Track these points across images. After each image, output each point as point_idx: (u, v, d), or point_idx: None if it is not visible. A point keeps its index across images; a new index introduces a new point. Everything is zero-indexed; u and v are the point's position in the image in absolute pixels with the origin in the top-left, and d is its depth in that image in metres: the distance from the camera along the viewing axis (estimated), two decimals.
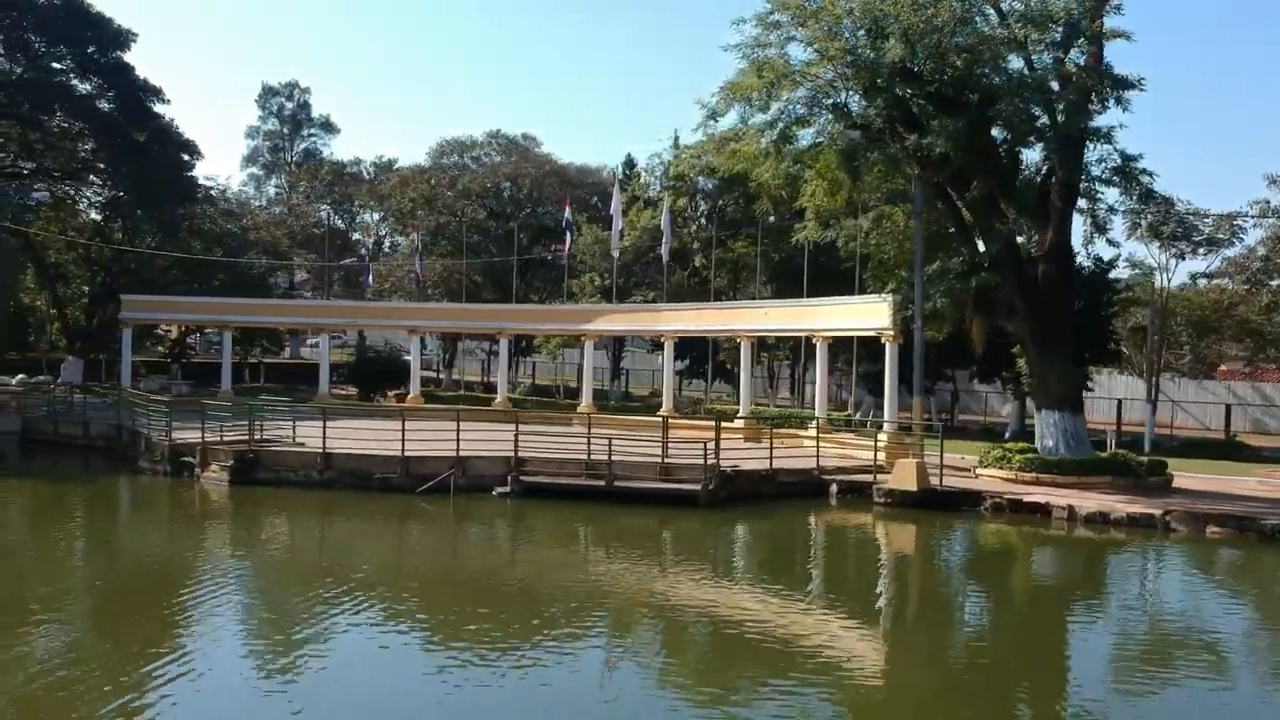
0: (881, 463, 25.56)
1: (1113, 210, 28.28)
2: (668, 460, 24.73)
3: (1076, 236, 27.15)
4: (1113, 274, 38.64)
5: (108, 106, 47.73)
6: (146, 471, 27.02)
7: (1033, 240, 28.26)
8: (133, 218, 49.10)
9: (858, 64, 24.07)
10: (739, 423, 32.30)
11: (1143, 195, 27.31)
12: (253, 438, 25.86)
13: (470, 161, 58.39)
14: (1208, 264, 42.81)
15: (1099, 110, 24.15)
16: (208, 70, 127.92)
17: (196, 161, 51.31)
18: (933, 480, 23.99)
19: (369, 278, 48.21)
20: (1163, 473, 25.21)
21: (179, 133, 50.18)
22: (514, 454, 24.82)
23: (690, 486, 23.76)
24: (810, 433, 29.93)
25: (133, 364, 48.65)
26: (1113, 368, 44.07)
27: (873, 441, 27.76)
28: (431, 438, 24.97)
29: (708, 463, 23.89)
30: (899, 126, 25.39)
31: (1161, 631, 15.02)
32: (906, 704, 11.70)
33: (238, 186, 74.73)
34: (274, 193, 78.07)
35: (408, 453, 24.81)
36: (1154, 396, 38.42)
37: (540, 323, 42.43)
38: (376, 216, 66.77)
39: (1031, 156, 27.26)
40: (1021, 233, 27.10)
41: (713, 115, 26.30)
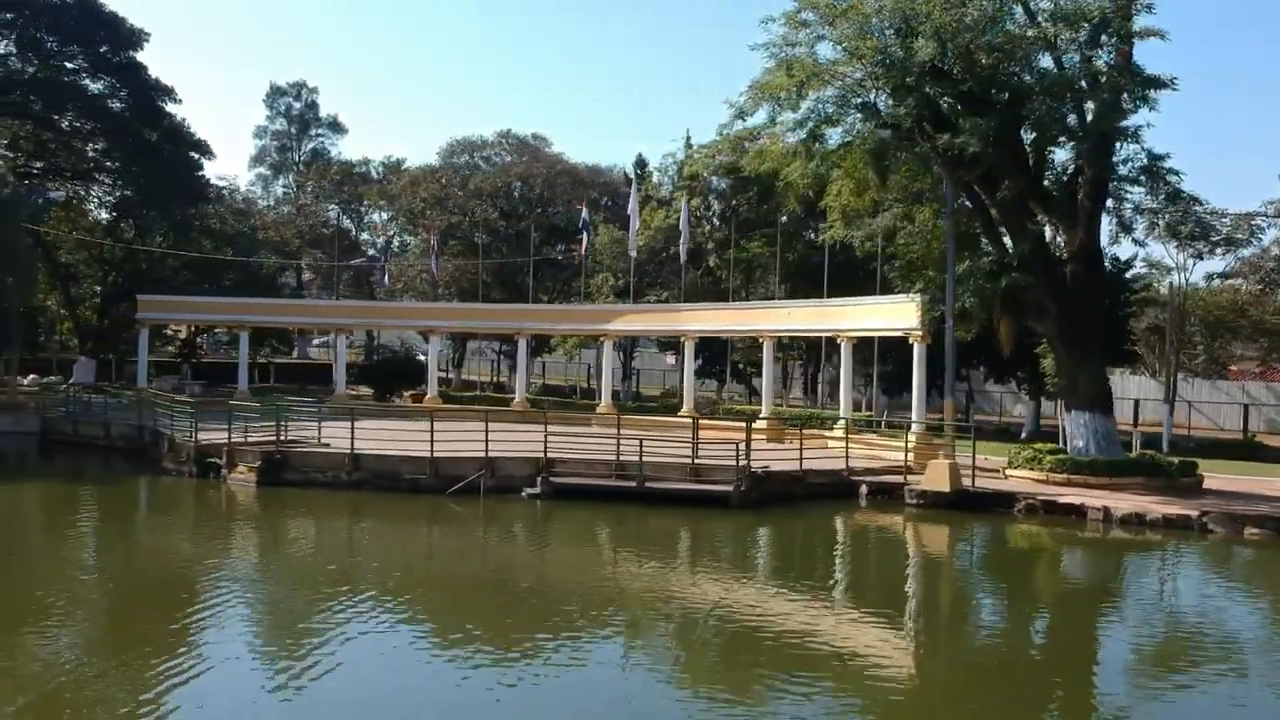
0: (910, 463, 25.51)
1: (1139, 210, 28.33)
2: (698, 461, 24.62)
3: (1103, 237, 27.20)
4: (1129, 274, 38.68)
5: (120, 106, 47.67)
6: (171, 472, 26.82)
7: (1056, 240, 28.25)
8: (144, 217, 49.00)
9: (888, 63, 23.98)
10: (762, 423, 32.19)
11: (1170, 195, 27.30)
12: (280, 439, 25.70)
13: (481, 161, 58.21)
14: (1225, 264, 42.95)
15: (1132, 110, 24.03)
16: (208, 70, 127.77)
17: (207, 161, 51.35)
18: (964, 481, 23.90)
19: (384, 278, 48.02)
20: (1193, 473, 25.10)
21: (190, 132, 50.14)
22: (543, 455, 24.69)
23: (722, 488, 23.64)
24: (835, 433, 29.88)
25: (139, 364, 48.57)
26: (1128, 368, 44.05)
27: (898, 442, 27.77)
28: (458, 438, 24.86)
29: (740, 463, 23.76)
30: (927, 126, 25.33)
31: (1202, 636, 14.73)
32: (940, 706, 11.59)
33: (245, 186, 74.52)
34: (281, 192, 77.90)
35: (437, 454, 24.69)
36: (1172, 397, 38.36)
37: (559, 323, 42.29)
38: (385, 216, 66.61)
39: (1058, 156, 27.32)
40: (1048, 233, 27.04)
41: (741, 114, 26.25)
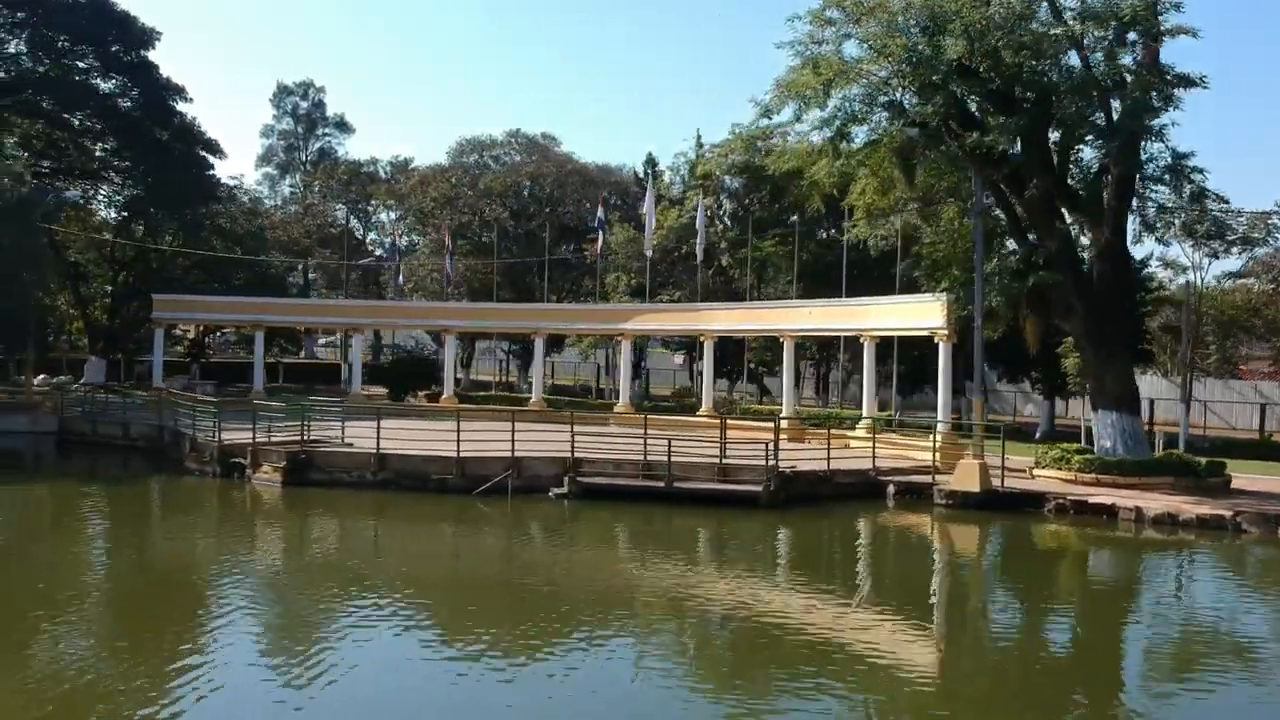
0: (936, 463, 25.43)
1: (1163, 209, 28.28)
2: (726, 461, 24.52)
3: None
4: (1143, 273, 38.63)
5: (131, 105, 47.53)
6: (195, 472, 26.67)
7: (1080, 239, 28.18)
8: (155, 216, 48.86)
9: (916, 61, 23.86)
10: (782, 423, 32.00)
11: (1195, 194, 27.27)
12: (305, 438, 25.57)
13: (490, 161, 58.09)
14: (1241, 263, 42.94)
15: (1164, 109, 23.95)
16: (208, 70, 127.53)
17: (218, 161, 51.23)
18: (994, 482, 23.81)
19: (399, 277, 47.88)
20: (1221, 473, 25.01)
21: (201, 131, 50.03)
22: (570, 455, 24.58)
23: (751, 488, 23.53)
24: (857, 433, 29.81)
25: (154, 364, 48.42)
26: (1142, 367, 43.98)
27: (921, 441, 27.71)
28: (482, 438, 24.74)
29: (769, 463, 23.66)
30: (953, 125, 25.25)
31: (1240, 639, 14.57)
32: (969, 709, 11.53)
33: (252, 185, 74.28)
34: (289, 192, 77.76)
35: (463, 454, 24.57)
36: (1188, 396, 38.28)
37: (576, 322, 42.12)
38: (393, 216, 66.47)
39: (1083, 155, 27.23)
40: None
41: (767, 112, 26.13)
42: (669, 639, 13.93)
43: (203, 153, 49.68)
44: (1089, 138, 25.31)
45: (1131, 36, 24.32)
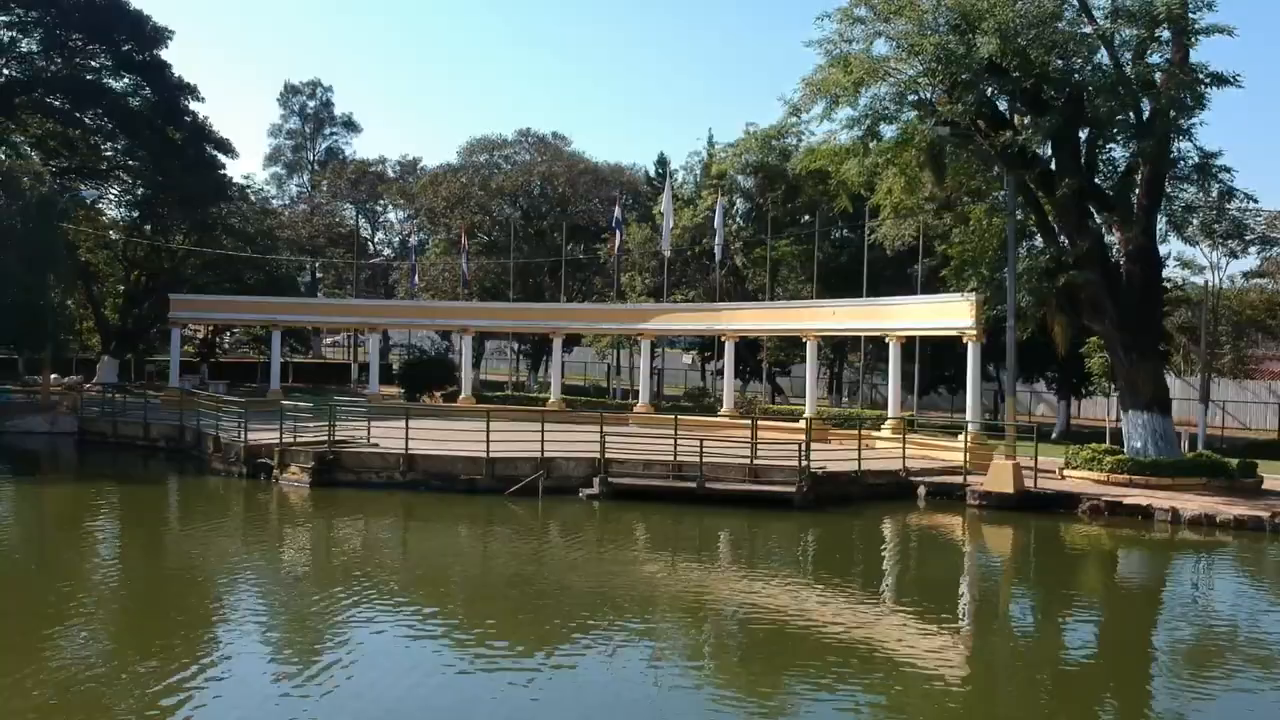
0: (962, 463, 25.34)
1: (1189, 208, 28.20)
2: (757, 462, 24.40)
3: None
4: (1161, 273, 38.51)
5: (143, 104, 47.36)
6: (220, 473, 26.52)
7: (1108, 239, 28.06)
8: (168, 216, 48.68)
9: (948, 59, 23.73)
10: (803, 423, 31.90)
11: (1223, 193, 27.18)
12: (332, 439, 25.43)
13: (501, 160, 57.90)
14: (1257, 262, 42.84)
15: (1197, 108, 23.83)
16: (212, 69, 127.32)
17: (230, 160, 51.08)
18: (1026, 483, 23.69)
19: (415, 276, 47.69)
20: (1254, 474, 24.93)
21: (213, 131, 49.86)
22: (600, 456, 24.46)
23: (784, 489, 23.42)
24: (883, 433, 29.70)
25: (162, 365, 48.30)
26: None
27: (948, 442, 27.69)
28: (506, 438, 24.57)
29: (801, 464, 23.54)
30: (982, 123, 25.14)
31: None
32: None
33: (259, 184, 74.11)
34: (296, 191, 77.59)
35: (492, 454, 24.45)
36: (1206, 397, 38.18)
37: (597, 322, 41.89)
38: (402, 216, 66.28)
39: (1112, 154, 27.09)
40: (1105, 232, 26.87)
41: (795, 111, 26.05)
42: (718, 641, 13.84)
43: (214, 152, 49.54)
44: (1120, 137, 25.18)
45: (1165, 35, 24.18)
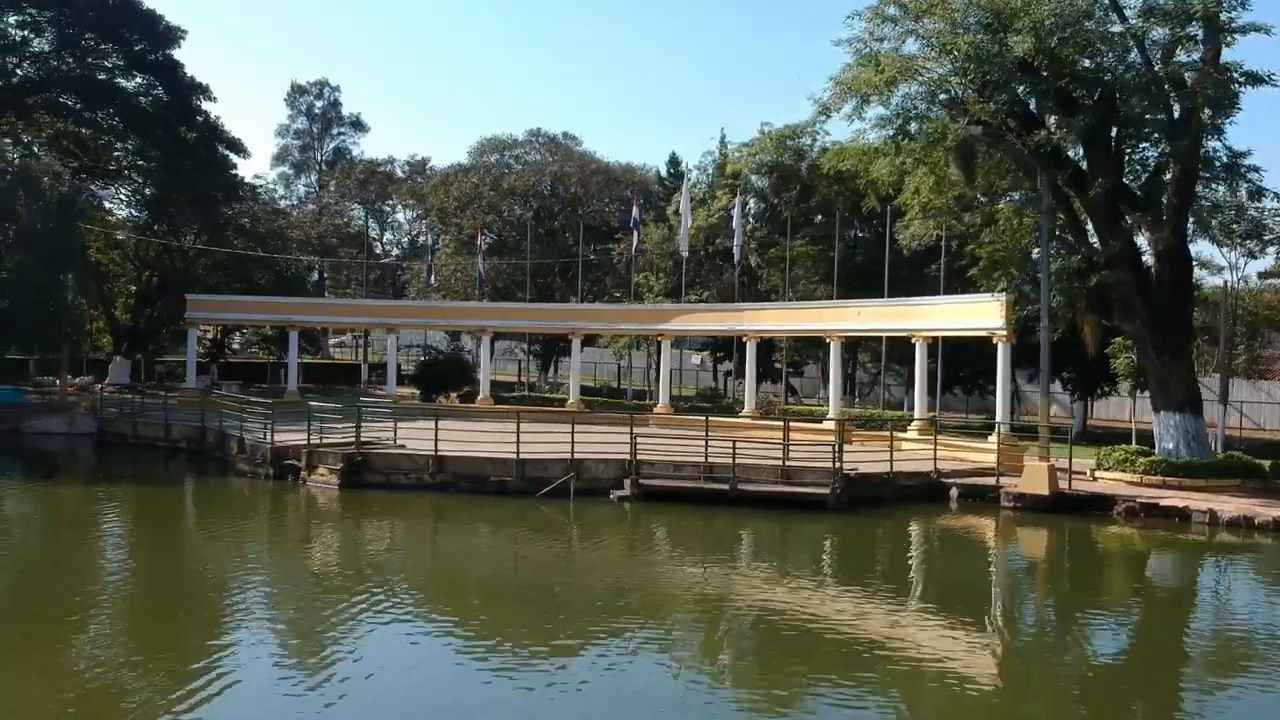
0: (993, 464, 25.20)
1: (1217, 208, 28.10)
2: (789, 463, 24.25)
3: None
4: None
5: (155, 104, 47.11)
6: (246, 474, 26.29)
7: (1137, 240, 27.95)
8: (179, 216, 48.44)
9: (980, 58, 23.58)
10: (828, 424, 31.80)
11: (1252, 193, 27.11)
12: (359, 440, 25.25)
13: (512, 160, 57.79)
14: (1276, 262, 42.72)
15: (1233, 108, 23.72)
16: (208, 70, 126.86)
17: (241, 160, 50.86)
18: (1060, 484, 23.55)
19: (430, 277, 47.52)
20: None
21: (225, 131, 49.61)
22: (631, 457, 24.29)
23: (817, 490, 23.27)
24: (909, 434, 29.54)
25: (172, 365, 48.12)
26: None
27: (975, 443, 27.54)
28: (531, 439, 24.42)
29: (835, 465, 23.39)
30: (1011, 123, 25.01)
31: None
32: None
33: (268, 184, 73.95)
34: (304, 191, 77.42)
35: (523, 455, 24.29)
36: (1225, 398, 38.06)
37: (615, 323, 41.64)
38: (411, 216, 66.14)
39: (1142, 154, 26.95)
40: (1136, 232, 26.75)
41: (825, 110, 25.90)
42: (760, 645, 13.68)
43: (226, 152, 49.33)
44: (1154, 136, 25.07)
45: (1199, 35, 24.06)
